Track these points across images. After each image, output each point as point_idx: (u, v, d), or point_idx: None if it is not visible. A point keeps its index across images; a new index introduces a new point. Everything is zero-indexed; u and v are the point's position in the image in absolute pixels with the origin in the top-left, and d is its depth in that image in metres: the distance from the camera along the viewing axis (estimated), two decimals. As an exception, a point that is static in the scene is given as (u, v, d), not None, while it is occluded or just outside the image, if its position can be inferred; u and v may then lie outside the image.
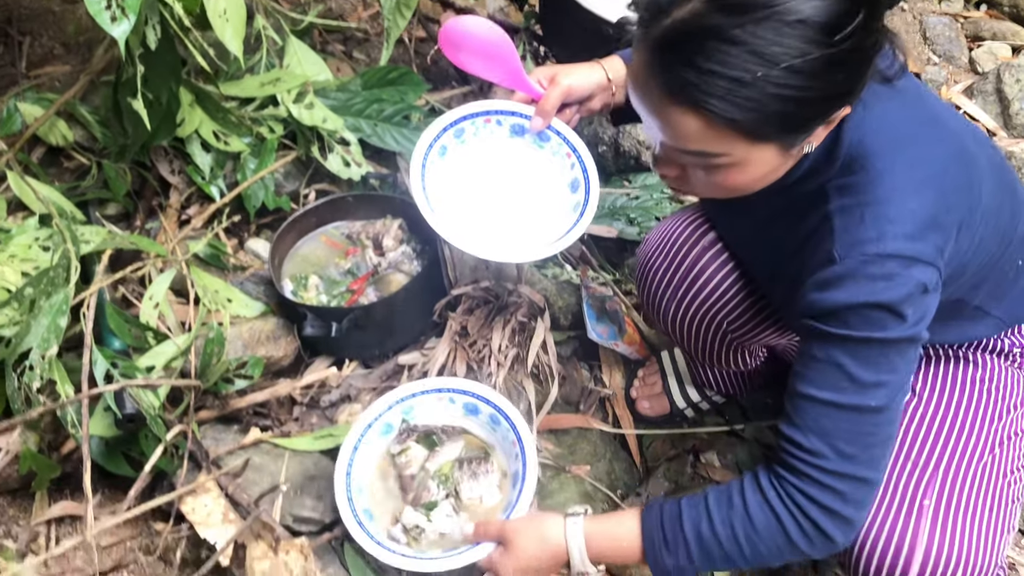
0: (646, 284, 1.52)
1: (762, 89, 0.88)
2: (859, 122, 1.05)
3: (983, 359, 1.35)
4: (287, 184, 1.91)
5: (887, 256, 1.00)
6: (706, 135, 0.95)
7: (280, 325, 1.68)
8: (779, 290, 1.30)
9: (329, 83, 1.93)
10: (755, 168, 1.00)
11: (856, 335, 1.02)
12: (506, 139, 1.44)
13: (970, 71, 2.72)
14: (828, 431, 1.05)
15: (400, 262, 1.75)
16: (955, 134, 1.14)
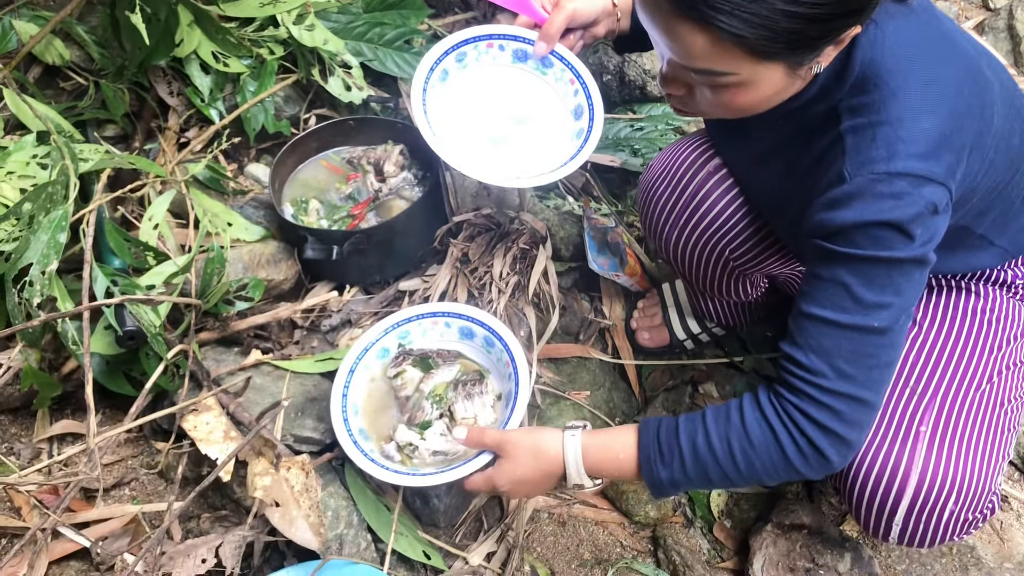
0: (648, 211, 1.51)
1: (771, 5, 0.86)
2: (871, 41, 1.03)
3: (985, 290, 1.35)
4: (287, 108, 1.89)
5: (897, 174, 0.98)
6: (714, 53, 0.93)
7: (281, 248, 1.67)
8: (785, 216, 1.29)
9: (330, 4, 1.90)
10: (762, 88, 0.99)
11: (862, 254, 1.01)
12: (508, 64, 1.42)
13: (982, 7, 2.67)
14: (829, 350, 1.04)
15: (401, 188, 1.74)
16: (969, 56, 1.12)
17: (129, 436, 1.54)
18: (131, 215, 1.61)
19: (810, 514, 1.56)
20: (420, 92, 1.35)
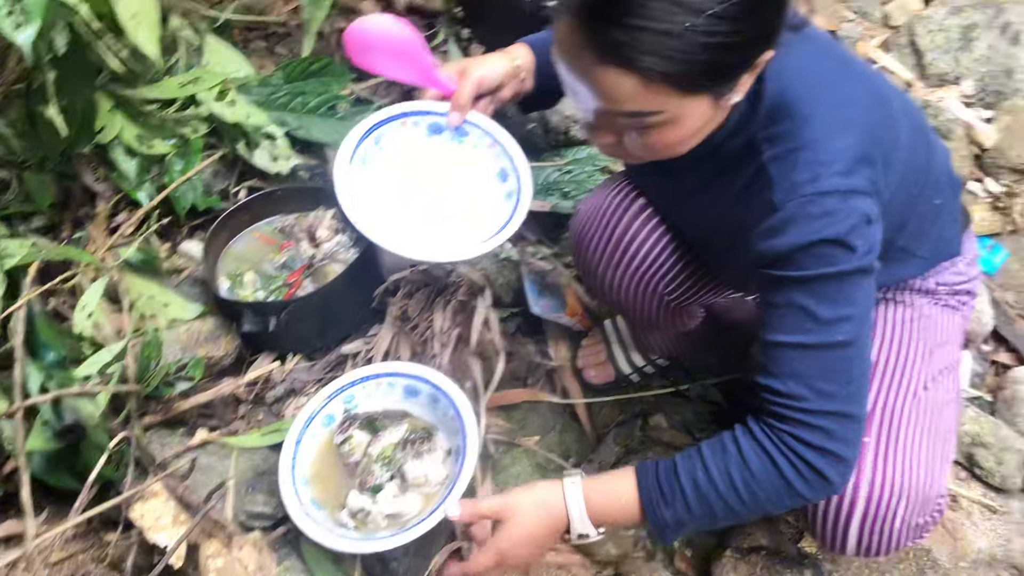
0: (581, 255, 1.54)
1: (690, 40, 0.89)
2: (778, 72, 1.07)
3: (910, 299, 1.39)
4: (216, 183, 1.90)
5: (825, 193, 1.02)
6: (640, 93, 0.95)
7: (219, 324, 1.67)
8: (715, 249, 1.33)
9: (251, 79, 1.92)
10: (689, 123, 1.01)
11: (810, 274, 1.04)
12: (425, 139, 1.40)
13: (884, 26, 2.78)
14: (803, 373, 1.07)
15: (336, 252, 1.75)
16: (868, 76, 1.18)
17: (78, 530, 1.51)
18: (64, 306, 1.60)
19: (767, 535, 1.58)
20: (344, 181, 1.33)
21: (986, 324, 2.04)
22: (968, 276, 1.44)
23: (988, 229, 2.25)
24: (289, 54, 2.41)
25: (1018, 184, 2.31)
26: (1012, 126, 2.45)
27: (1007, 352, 2.07)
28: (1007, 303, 2.13)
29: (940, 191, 1.32)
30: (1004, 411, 1.93)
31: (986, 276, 2.17)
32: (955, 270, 1.41)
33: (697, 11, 0.87)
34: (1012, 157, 2.38)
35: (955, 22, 2.62)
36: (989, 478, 1.79)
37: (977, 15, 2.61)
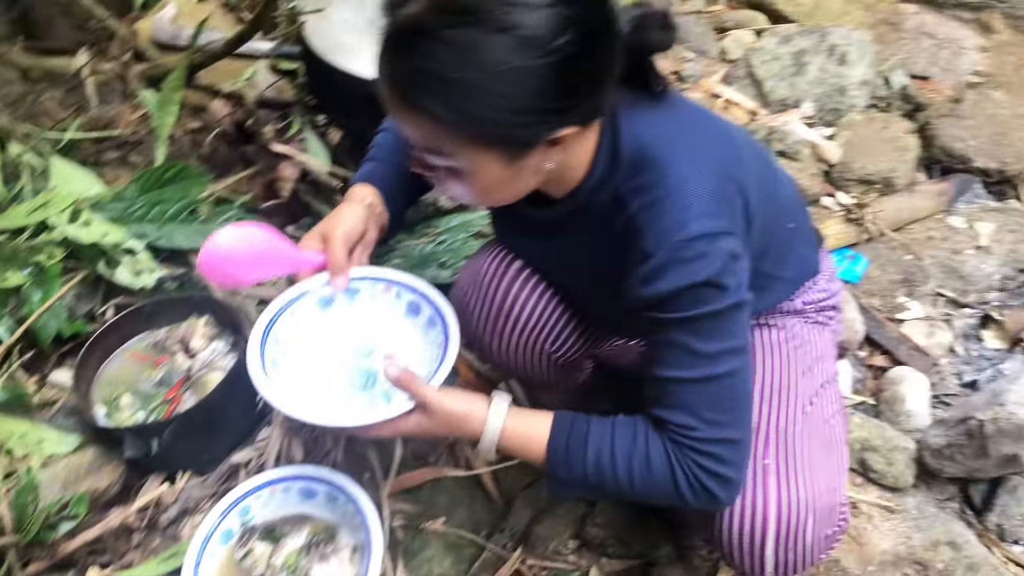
0: (465, 324, 1.54)
1: (470, 92, 0.94)
2: (632, 127, 1.13)
3: (782, 322, 1.45)
4: (80, 306, 1.83)
5: (693, 238, 1.08)
6: (429, 134, 1.01)
7: (99, 453, 1.61)
8: (597, 302, 1.36)
9: (104, 195, 1.88)
10: (486, 176, 1.05)
11: (689, 315, 1.09)
12: (318, 311, 1.34)
13: (723, 60, 2.93)
14: (691, 405, 1.12)
15: (213, 360, 1.71)
16: (713, 120, 1.25)
17: None
18: (-74, 461, 1.51)
19: (684, 573, 1.60)
20: (260, 374, 1.24)
21: (858, 331, 2.14)
22: (831, 292, 1.51)
23: (846, 240, 2.37)
24: (144, 162, 2.37)
25: (866, 195, 2.45)
26: (852, 140, 2.61)
27: (881, 355, 2.17)
28: (874, 308, 2.25)
29: (791, 215, 1.40)
30: (887, 412, 2.02)
31: (851, 285, 2.29)
32: (818, 288, 1.48)
33: (479, 66, 0.93)
34: (857, 169, 2.52)
35: (786, 50, 2.78)
36: (883, 480, 1.87)
37: (805, 41, 2.78)
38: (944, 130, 2.63)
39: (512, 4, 0.93)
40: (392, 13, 0.98)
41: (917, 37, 3.16)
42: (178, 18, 2.65)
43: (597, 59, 1.01)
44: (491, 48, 0.93)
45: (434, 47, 0.93)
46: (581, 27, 0.96)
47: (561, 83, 0.98)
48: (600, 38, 1.01)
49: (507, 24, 0.92)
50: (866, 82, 2.75)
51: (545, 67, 0.95)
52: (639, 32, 1.08)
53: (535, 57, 0.94)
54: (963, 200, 2.53)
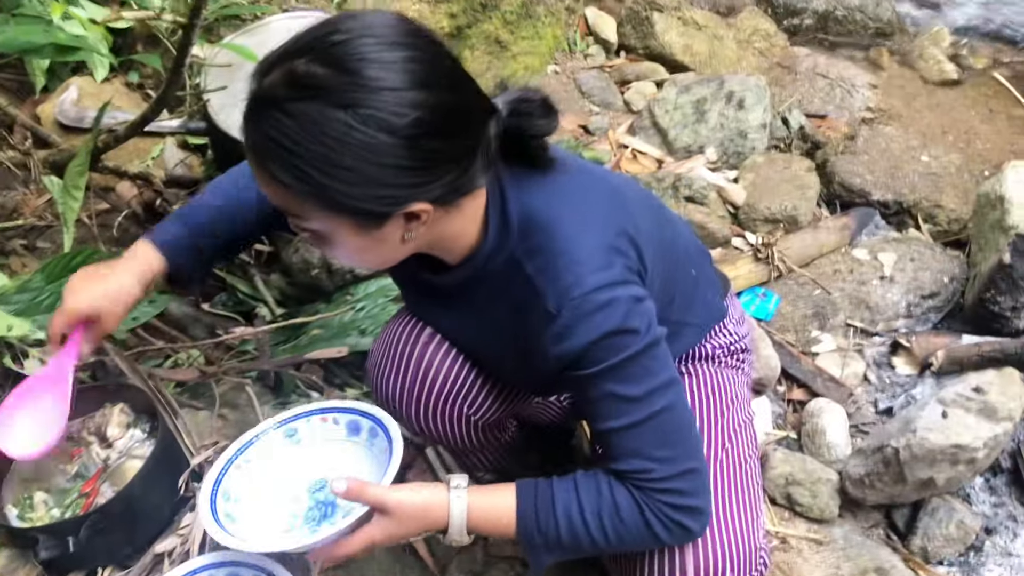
0: (380, 392, 1.54)
1: (315, 165, 0.97)
2: (519, 195, 1.16)
3: (695, 368, 1.49)
4: (-12, 403, 1.78)
5: (591, 292, 1.11)
6: (283, 199, 1.04)
7: (13, 556, 1.55)
8: (509, 363, 1.37)
9: (8, 287, 1.83)
10: (346, 242, 1.09)
11: (607, 365, 1.12)
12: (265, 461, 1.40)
13: (627, 112, 3.02)
14: (638, 450, 1.15)
15: (132, 448, 1.67)
16: (600, 177, 1.29)
17: None
18: None
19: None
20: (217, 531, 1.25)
21: (775, 368, 2.20)
22: (740, 335, 1.56)
23: (757, 279, 2.44)
24: (53, 248, 2.33)
25: (772, 233, 2.53)
26: (755, 181, 2.70)
27: (799, 388, 2.24)
28: (789, 343, 2.31)
29: (692, 262, 1.44)
30: (809, 445, 2.07)
31: (765, 322, 2.35)
32: (726, 332, 1.53)
33: (317, 140, 0.96)
34: (762, 209, 2.61)
35: (686, 99, 2.88)
36: (809, 512, 1.91)
37: (703, 90, 2.89)
38: (842, 166, 2.74)
39: (358, 84, 0.96)
40: (256, 82, 1.01)
41: (811, 78, 3.30)
42: (81, 100, 2.62)
43: (448, 142, 1.03)
44: (335, 124, 0.95)
45: (282, 119, 0.96)
46: (430, 111, 0.99)
47: (407, 162, 1.00)
48: (453, 123, 1.03)
49: (350, 101, 0.95)
50: (764, 125, 2.86)
51: (389, 146, 0.97)
52: (518, 118, 1.12)
53: (379, 135, 0.96)
54: (865, 232, 2.63)
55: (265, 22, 2.27)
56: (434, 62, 1.03)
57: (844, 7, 3.79)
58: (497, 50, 2.93)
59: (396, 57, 0.98)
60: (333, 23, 1.01)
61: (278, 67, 0.99)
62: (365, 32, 0.99)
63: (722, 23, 3.38)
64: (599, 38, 3.29)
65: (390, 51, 0.98)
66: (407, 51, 1.00)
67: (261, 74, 1.01)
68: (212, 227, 1.45)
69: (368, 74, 0.96)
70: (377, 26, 1.01)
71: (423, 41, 1.03)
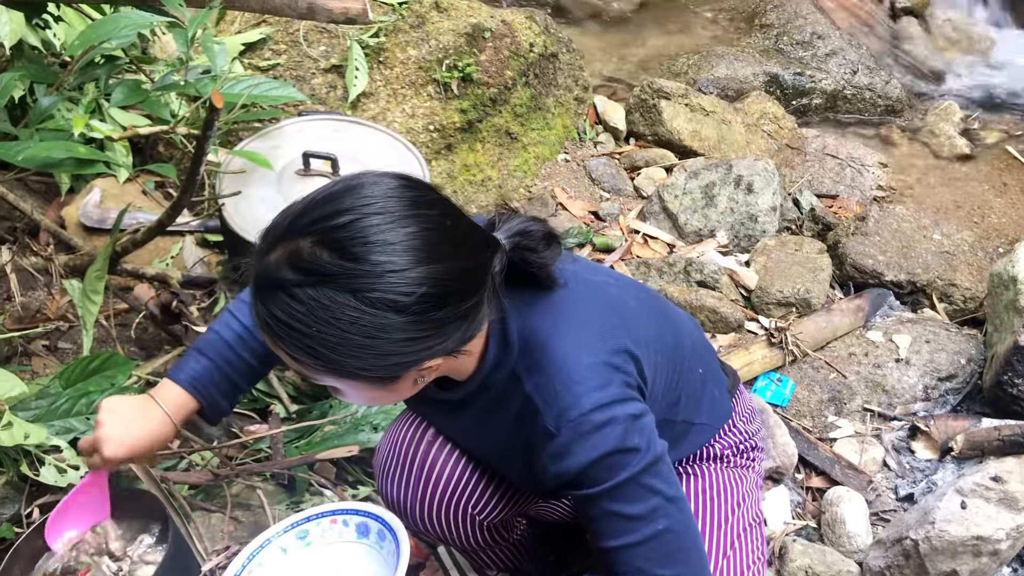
0: (386, 491, 1.54)
1: (326, 345, 0.99)
2: (518, 313, 1.18)
3: (701, 470, 1.48)
4: (6, 509, 1.80)
5: (589, 412, 1.12)
6: (298, 367, 1.06)
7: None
8: (513, 466, 1.38)
9: (26, 394, 1.86)
10: (362, 394, 1.12)
11: (608, 486, 1.12)
12: (279, 564, 1.44)
13: (637, 197, 3.06)
14: (643, 568, 1.14)
15: (144, 555, 1.67)
16: (598, 287, 1.29)
17: None
18: None
19: None
20: None
21: (792, 455, 2.18)
22: (750, 433, 1.55)
23: (771, 364, 2.44)
24: (73, 347, 2.37)
25: (786, 317, 2.53)
26: (767, 265, 2.71)
27: (817, 476, 2.21)
28: (805, 429, 2.29)
29: (698, 360, 1.44)
30: (829, 534, 2.03)
31: (781, 408, 2.34)
32: (736, 430, 1.52)
33: (327, 322, 0.98)
34: (775, 293, 2.62)
35: (695, 184, 2.92)
36: (830, 607, 1.87)
37: (712, 175, 2.92)
38: (853, 248, 2.75)
39: (364, 270, 0.98)
40: (260, 258, 1.02)
41: (821, 158, 3.34)
42: (104, 201, 2.69)
43: (454, 307, 1.05)
44: (344, 308, 0.98)
45: (291, 303, 0.98)
46: (435, 284, 1.01)
47: (415, 333, 1.02)
48: (458, 288, 1.05)
49: (358, 287, 0.97)
50: (774, 208, 2.88)
51: (398, 323, 1.00)
52: (521, 251, 1.14)
53: (387, 315, 0.99)
54: (880, 314, 2.62)
55: (280, 126, 2.33)
56: (438, 231, 1.04)
57: (853, 86, 3.85)
58: (508, 142, 2.99)
59: (400, 236, 1.00)
60: (335, 199, 1.02)
61: (282, 245, 1.00)
62: (367, 210, 1.00)
63: (729, 108, 3.44)
64: (608, 126, 3.36)
65: (393, 230, 1.00)
66: (410, 226, 1.01)
67: (265, 250, 1.02)
68: (235, 353, 1.44)
69: (373, 259, 0.98)
70: (379, 199, 1.02)
71: (425, 209, 1.04)
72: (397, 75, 2.80)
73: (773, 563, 1.98)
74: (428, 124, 2.75)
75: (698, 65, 3.86)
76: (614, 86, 3.88)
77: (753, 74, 3.80)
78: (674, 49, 4.16)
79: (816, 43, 3.99)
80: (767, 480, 2.17)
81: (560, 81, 3.22)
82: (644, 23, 4.49)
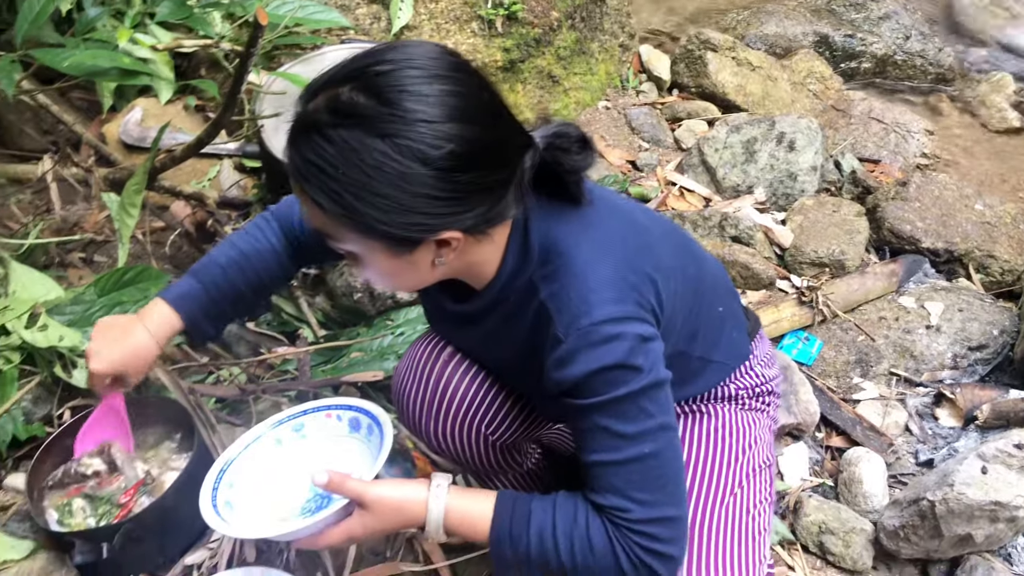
0: (402, 409, 1.56)
1: (351, 189, 1.01)
2: (542, 224, 1.18)
3: (715, 409, 1.48)
4: (38, 409, 1.85)
5: (600, 323, 1.12)
6: (319, 220, 1.08)
7: (52, 559, 1.61)
8: (528, 382, 1.39)
9: (62, 299, 1.90)
10: (378, 264, 1.12)
11: (604, 398, 1.12)
12: (273, 452, 1.44)
13: (677, 149, 3.03)
14: (620, 487, 1.13)
15: (169, 460, 1.72)
16: (625, 211, 1.29)
17: None
18: None
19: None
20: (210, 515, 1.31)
21: (814, 413, 2.17)
22: (767, 377, 1.54)
23: (800, 323, 2.42)
24: (108, 262, 2.41)
25: (818, 277, 2.51)
26: (804, 224, 2.68)
27: (838, 436, 2.20)
28: (829, 389, 2.28)
29: (719, 299, 1.44)
30: (845, 493, 2.03)
31: (806, 367, 2.33)
32: (752, 373, 1.51)
33: (354, 164, 1.00)
34: (809, 252, 2.59)
35: (737, 138, 2.88)
36: (841, 562, 1.88)
37: (754, 130, 2.88)
38: (892, 212, 2.71)
39: (397, 115, 1.00)
40: (301, 105, 1.06)
41: (866, 122, 3.28)
42: (144, 120, 2.71)
43: (481, 175, 1.06)
44: (372, 152, 1.00)
45: (323, 144, 1.01)
46: (465, 144, 1.03)
47: (439, 192, 1.03)
48: (487, 157, 1.06)
49: (389, 131, 0.99)
50: (815, 167, 2.84)
51: (423, 176, 1.01)
52: (554, 152, 1.14)
53: (413, 165, 1.00)
54: (913, 280, 2.59)
55: (322, 52, 2.34)
56: (472, 96, 1.06)
57: (904, 52, 3.77)
58: (549, 85, 2.96)
59: (435, 90, 1.02)
60: (378, 53, 1.05)
61: (323, 93, 1.03)
62: (408, 64, 1.03)
63: (776, 64, 3.38)
64: (652, 75, 3.32)
65: (429, 84, 1.02)
66: (446, 84, 1.03)
67: (306, 98, 1.05)
68: (226, 279, 1.50)
69: (407, 106, 1.00)
70: (419, 58, 1.04)
71: (463, 74, 1.07)
72: (442, 9, 2.78)
73: (787, 517, 1.99)
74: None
75: (747, 21, 3.79)
76: (660, 38, 3.83)
77: (803, 33, 3.72)
78: (724, 4, 4.10)
79: (869, 5, 3.89)
80: (787, 436, 2.18)
81: (606, 26, 3.17)
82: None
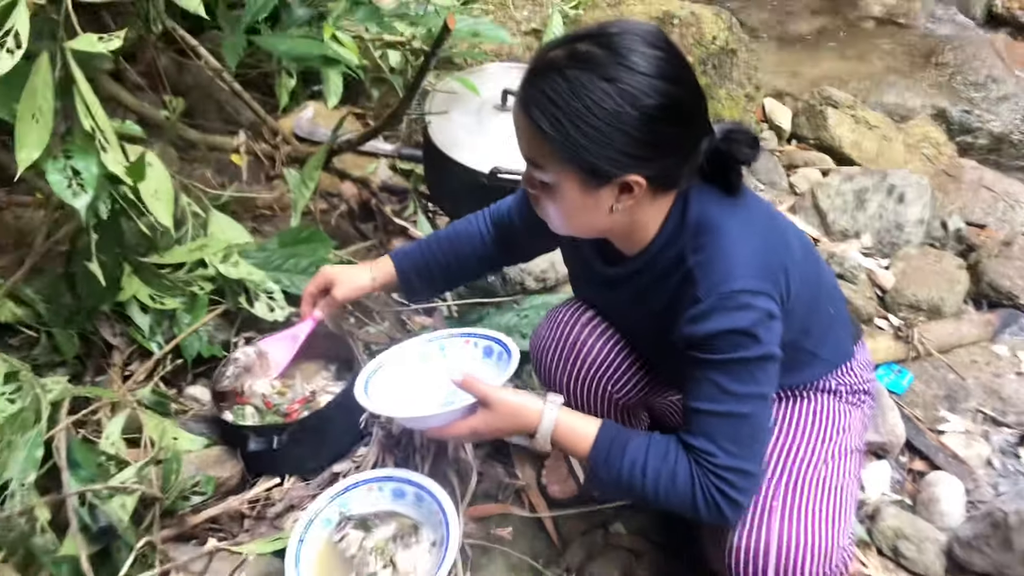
0: (539, 362, 1.80)
1: (572, 118, 1.25)
2: (698, 200, 1.40)
3: (815, 396, 1.66)
4: (218, 334, 2.16)
5: (738, 291, 1.32)
6: (533, 143, 1.31)
7: (224, 451, 1.89)
8: (657, 347, 1.60)
9: (251, 245, 2.23)
10: (566, 196, 1.34)
11: (724, 357, 1.32)
12: (419, 363, 1.78)
13: (791, 193, 3.23)
14: (713, 435, 1.34)
15: (327, 386, 2.00)
16: (769, 209, 1.51)
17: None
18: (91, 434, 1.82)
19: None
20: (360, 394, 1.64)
21: (900, 435, 2.32)
22: (864, 378, 1.71)
23: (894, 356, 2.58)
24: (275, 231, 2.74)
25: (914, 318, 2.66)
26: (906, 270, 2.84)
27: (920, 460, 2.34)
28: (916, 417, 2.43)
29: (831, 302, 1.63)
30: (923, 511, 2.16)
31: (896, 396, 2.48)
32: (853, 373, 1.69)
33: (579, 98, 1.24)
34: (908, 296, 2.75)
35: (849, 187, 3.07)
36: (913, 567, 2.01)
37: (866, 180, 3.07)
38: (993, 268, 2.85)
39: (624, 64, 1.25)
40: (540, 55, 1.31)
41: (976, 189, 3.42)
42: (315, 118, 3.08)
43: (676, 131, 1.30)
44: (597, 91, 1.24)
45: (558, 80, 1.26)
46: (671, 101, 1.26)
47: (641, 135, 1.26)
48: (685, 114, 1.30)
49: (614, 76, 1.24)
50: (922, 220, 3.00)
51: (632, 118, 1.25)
52: (728, 143, 1.37)
53: (626, 107, 1.24)
54: (1008, 332, 2.71)
55: (482, 67, 2.65)
56: (682, 67, 1.31)
57: (1021, 132, 3.89)
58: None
59: (655, 54, 1.27)
60: (609, 25, 1.31)
61: (563, 47, 1.29)
62: (635, 31, 1.28)
63: (893, 127, 3.56)
64: (773, 125, 3.54)
65: (651, 48, 1.27)
66: (663, 52, 1.28)
67: (546, 50, 1.31)
68: (440, 248, 1.83)
69: (632, 59, 1.25)
70: (643, 30, 1.30)
71: (675, 52, 1.32)
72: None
73: (865, 521, 2.13)
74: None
75: (868, 89, 3.99)
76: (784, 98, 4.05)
77: (921, 105, 3.90)
78: (847, 73, 4.29)
79: (990, 85, 4.05)
80: (871, 454, 2.32)
81: (735, 76, 3.43)
82: (821, 46, 4.64)
